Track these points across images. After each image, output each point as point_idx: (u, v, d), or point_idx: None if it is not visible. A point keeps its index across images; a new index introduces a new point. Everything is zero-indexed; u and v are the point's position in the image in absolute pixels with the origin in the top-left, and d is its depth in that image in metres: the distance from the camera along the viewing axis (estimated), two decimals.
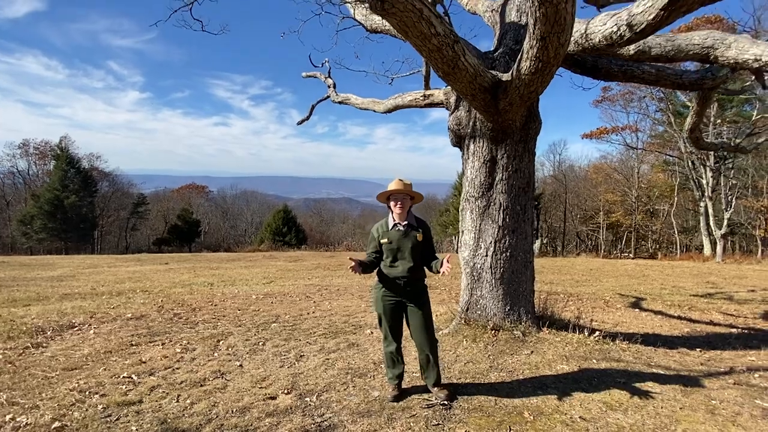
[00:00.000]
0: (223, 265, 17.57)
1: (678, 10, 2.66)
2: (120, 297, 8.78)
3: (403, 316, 3.23)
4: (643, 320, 6.99)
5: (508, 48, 4.43)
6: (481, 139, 4.43)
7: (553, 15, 2.54)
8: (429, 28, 2.82)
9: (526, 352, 4.14)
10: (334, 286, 10.45)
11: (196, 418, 2.91)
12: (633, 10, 2.96)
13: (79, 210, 39.06)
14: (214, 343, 4.92)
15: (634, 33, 3.01)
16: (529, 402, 3.14)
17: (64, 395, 3.24)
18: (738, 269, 17.84)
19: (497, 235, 4.50)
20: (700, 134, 6.12)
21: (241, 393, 3.35)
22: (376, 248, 3.23)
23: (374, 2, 2.48)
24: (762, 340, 5.54)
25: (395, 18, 2.64)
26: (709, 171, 27.19)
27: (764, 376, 3.91)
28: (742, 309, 8.46)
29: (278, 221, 39.42)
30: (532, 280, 4.78)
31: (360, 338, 5.00)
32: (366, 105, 6.66)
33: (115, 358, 4.26)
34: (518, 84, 3.32)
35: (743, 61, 3.61)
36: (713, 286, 12.40)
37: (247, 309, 7.22)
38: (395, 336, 3.23)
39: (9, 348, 4.53)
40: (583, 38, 3.61)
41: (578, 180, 44.55)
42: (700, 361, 4.33)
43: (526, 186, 4.51)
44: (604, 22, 3.39)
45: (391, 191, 3.14)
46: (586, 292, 10.54)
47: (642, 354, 4.35)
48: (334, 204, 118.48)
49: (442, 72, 3.25)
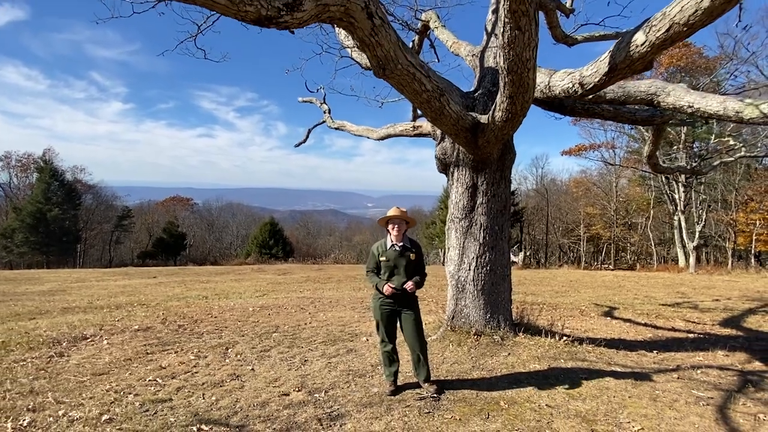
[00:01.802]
0: (213, 279, 17.81)
1: (615, 77, 3.36)
2: (120, 310, 9.09)
3: (397, 322, 3.81)
4: (613, 327, 7.67)
5: (486, 90, 5.13)
6: (464, 168, 5.09)
7: (518, 80, 3.21)
8: (420, 86, 3.47)
9: (504, 354, 4.74)
10: (326, 299, 10.91)
11: (223, 411, 3.41)
12: (583, 72, 3.67)
13: (62, 223, 38.61)
14: (223, 351, 5.38)
15: (585, 90, 3.71)
16: (505, 394, 3.73)
17: (102, 395, 3.70)
18: (709, 280, 18.81)
19: (478, 251, 5.13)
20: (657, 160, 6.92)
21: (258, 391, 3.85)
22: (376, 264, 3.82)
23: (377, 70, 3.10)
24: (712, 343, 6.25)
25: (393, 80, 3.27)
26: (681, 186, 28.62)
27: (704, 372, 4.58)
28: (704, 317, 9.22)
29: (265, 234, 39.51)
30: (510, 291, 5.41)
31: (357, 345, 5.53)
32: (361, 132, 7.28)
33: (136, 365, 4.70)
34: (493, 128, 3.99)
35: (680, 107, 4.34)
36: (682, 296, 13.23)
37: (246, 320, 7.65)
38: (390, 338, 3.81)
39: (35, 357, 4.92)
40: (547, 89, 4.32)
41: (560, 194, 45.91)
42: (653, 361, 4.99)
43: (503, 209, 5.17)
44: (563, 79, 4.10)
45: (389, 217, 3.75)
46: (564, 302, 11.21)
47: (604, 355, 5.00)
48: (321, 216, 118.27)
49: (430, 117, 3.90)
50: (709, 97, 4.06)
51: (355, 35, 2.90)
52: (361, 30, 2.84)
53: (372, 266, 3.87)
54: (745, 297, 12.89)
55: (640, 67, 3.21)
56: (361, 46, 3.04)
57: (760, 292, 13.97)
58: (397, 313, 3.80)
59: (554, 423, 3.24)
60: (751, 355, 5.61)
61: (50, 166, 39.98)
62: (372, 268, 3.87)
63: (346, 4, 2.62)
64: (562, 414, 3.37)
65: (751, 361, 5.28)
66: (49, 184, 38.94)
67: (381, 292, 3.77)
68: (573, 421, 3.26)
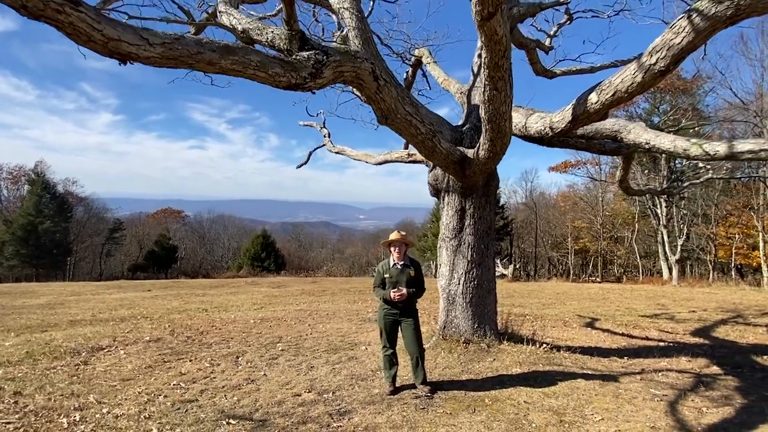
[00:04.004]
0: (209, 292, 18.08)
1: (578, 124, 4.04)
2: (126, 323, 9.48)
3: (398, 330, 4.39)
4: (592, 336, 8.29)
5: (472, 125, 5.81)
6: (453, 193, 5.73)
7: (497, 128, 3.86)
8: (416, 130, 4.12)
9: (489, 359, 5.32)
10: (323, 311, 11.38)
11: (246, 408, 3.93)
12: (553, 119, 4.35)
13: (53, 236, 38.48)
14: (234, 359, 5.87)
15: (554, 132, 4.39)
16: (489, 393, 4.31)
17: (136, 396, 4.19)
18: (689, 292, 19.57)
19: (467, 267, 5.75)
20: (628, 183, 7.65)
21: (273, 393, 4.37)
22: (381, 280, 4.44)
23: (380, 119, 3.75)
24: (679, 351, 6.89)
25: (394, 126, 3.91)
26: (663, 201, 29.72)
27: (665, 375, 5.21)
28: (677, 327, 9.89)
29: (257, 246, 39.55)
30: (495, 303, 6.02)
31: (357, 353, 6.07)
32: (360, 157, 7.92)
33: (157, 372, 5.18)
34: (478, 163, 4.64)
35: (639, 143, 5.04)
36: (662, 308, 13.90)
37: (250, 332, 8.13)
38: (392, 343, 4.41)
39: (63, 365, 5.37)
40: (523, 129, 5.01)
41: (548, 207, 46.95)
42: (622, 365, 5.61)
43: (488, 229, 5.81)
44: (536, 122, 4.79)
45: (391, 240, 4.37)
46: (549, 314, 11.81)
47: (579, 360, 5.60)
48: (312, 228, 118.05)
49: (424, 154, 4.54)
50: (662, 136, 4.76)
51: (363, 93, 3.52)
52: (369, 89, 3.47)
53: (378, 282, 4.49)
54: (720, 308, 13.59)
55: (596, 118, 3.88)
56: (367, 101, 3.67)
57: (735, 304, 14.69)
58: (399, 323, 4.40)
59: (530, 416, 3.81)
60: (710, 360, 6.25)
61: (42, 178, 39.99)
62: (378, 283, 4.49)
63: (357, 70, 3.25)
64: (537, 408, 3.95)
65: (710, 366, 5.93)
66: (40, 197, 38.93)
67: (388, 302, 4.34)
68: (546, 414, 3.84)
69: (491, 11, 2.72)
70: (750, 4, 2.59)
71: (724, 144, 4.19)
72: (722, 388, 4.86)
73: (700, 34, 2.85)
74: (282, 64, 2.99)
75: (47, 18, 1.99)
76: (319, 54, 3.12)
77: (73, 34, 2.11)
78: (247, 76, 3.00)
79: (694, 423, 3.81)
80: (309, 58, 3.10)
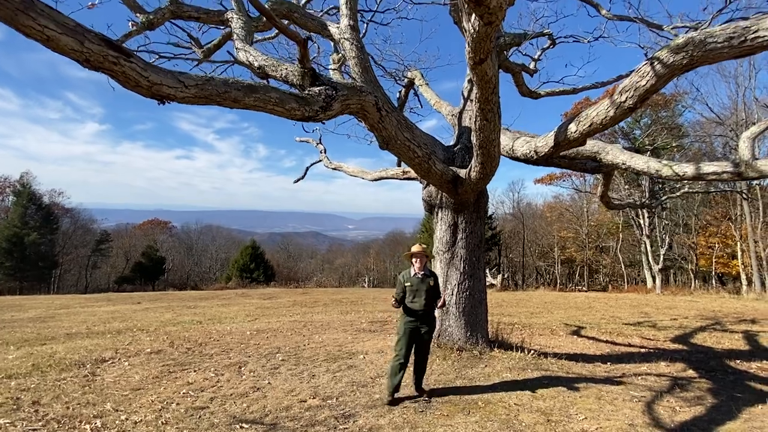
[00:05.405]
0: (200, 304, 18.07)
1: (560, 150, 4.47)
2: (124, 335, 9.57)
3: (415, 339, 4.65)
4: (578, 344, 8.68)
5: (463, 145, 6.23)
6: (446, 209, 6.11)
7: (487, 153, 4.27)
8: (413, 153, 4.51)
9: (481, 365, 5.66)
10: (317, 322, 11.57)
11: (256, 413, 4.19)
12: (537, 143, 4.79)
13: (38, 248, 37.89)
14: (237, 369, 6.10)
15: (539, 156, 4.82)
16: (482, 396, 4.64)
17: (150, 404, 4.41)
18: (672, 300, 20.16)
19: (459, 279, 6.10)
20: (609, 198, 8.14)
21: (279, 399, 4.63)
22: (403, 290, 4.74)
23: (382, 144, 4.12)
24: (658, 356, 7.31)
25: (394, 150, 4.29)
26: (645, 212, 30.65)
27: (644, 378, 5.60)
28: (659, 334, 10.35)
29: (246, 257, 39.22)
30: (486, 312, 6.38)
31: (356, 362, 6.34)
32: (356, 173, 8.28)
33: (165, 381, 5.39)
34: (470, 182, 5.04)
35: (616, 164, 5.50)
36: (645, 316, 14.38)
37: (248, 343, 8.32)
38: (407, 353, 4.62)
39: (71, 376, 5.54)
40: (511, 151, 5.45)
41: (535, 218, 47.82)
42: (605, 370, 5.99)
43: (479, 243, 6.19)
44: (522, 145, 5.23)
45: (413, 252, 4.71)
46: (537, 322, 12.19)
47: (565, 366, 5.97)
48: (301, 238, 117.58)
49: (420, 174, 4.92)
50: (637, 157, 5.23)
51: (366, 122, 3.90)
52: (372, 119, 3.85)
53: (400, 291, 4.76)
54: (700, 316, 14.12)
55: (576, 145, 4.32)
56: (370, 129, 4.05)
57: (715, 312, 15.25)
58: (418, 330, 4.66)
59: (520, 416, 4.15)
60: (687, 365, 6.68)
61: (28, 189, 39.47)
62: (400, 292, 4.76)
63: (362, 103, 3.62)
64: (526, 409, 4.29)
65: (686, 370, 6.35)
66: (26, 208, 38.39)
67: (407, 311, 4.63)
68: (534, 415, 4.18)
69: (482, 57, 3.12)
70: (702, 56, 3.03)
71: (692, 166, 4.66)
72: (696, 389, 5.26)
73: (660, 78, 3.30)
74: (297, 99, 3.34)
75: (105, 69, 2.29)
76: (329, 89, 3.48)
77: (123, 81, 2.42)
78: (266, 110, 3.33)
79: (668, 420, 4.19)
80: (320, 93, 3.46)
